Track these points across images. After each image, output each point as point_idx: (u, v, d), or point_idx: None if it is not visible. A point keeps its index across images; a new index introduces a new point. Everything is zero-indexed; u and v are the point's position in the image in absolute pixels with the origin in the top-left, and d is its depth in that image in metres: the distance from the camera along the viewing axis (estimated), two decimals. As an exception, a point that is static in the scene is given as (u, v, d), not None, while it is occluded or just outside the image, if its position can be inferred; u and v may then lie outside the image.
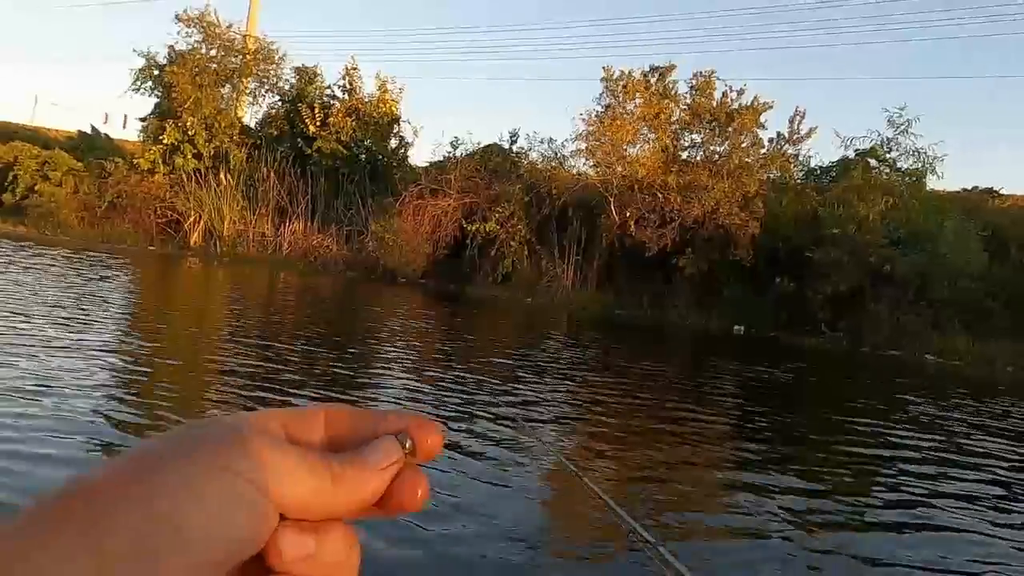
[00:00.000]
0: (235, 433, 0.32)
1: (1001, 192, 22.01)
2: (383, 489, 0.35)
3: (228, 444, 0.31)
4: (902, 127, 18.86)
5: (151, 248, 23.01)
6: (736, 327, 17.74)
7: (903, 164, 19.05)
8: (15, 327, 7.17)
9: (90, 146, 27.66)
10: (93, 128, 29.90)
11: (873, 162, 19.21)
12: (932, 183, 19.14)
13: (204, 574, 0.29)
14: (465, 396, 6.67)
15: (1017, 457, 6.64)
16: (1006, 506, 5.07)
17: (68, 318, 8.25)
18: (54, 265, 14.33)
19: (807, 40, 52.12)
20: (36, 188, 24.14)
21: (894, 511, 4.76)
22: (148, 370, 6.48)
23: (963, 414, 8.93)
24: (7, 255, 14.84)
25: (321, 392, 6.35)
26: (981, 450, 6.79)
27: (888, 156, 19.16)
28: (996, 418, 8.94)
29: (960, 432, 7.65)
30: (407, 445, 0.36)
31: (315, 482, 0.32)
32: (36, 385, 5.18)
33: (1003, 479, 5.83)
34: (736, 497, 4.71)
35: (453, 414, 5.91)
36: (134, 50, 25.22)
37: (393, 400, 6.42)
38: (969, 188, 21.91)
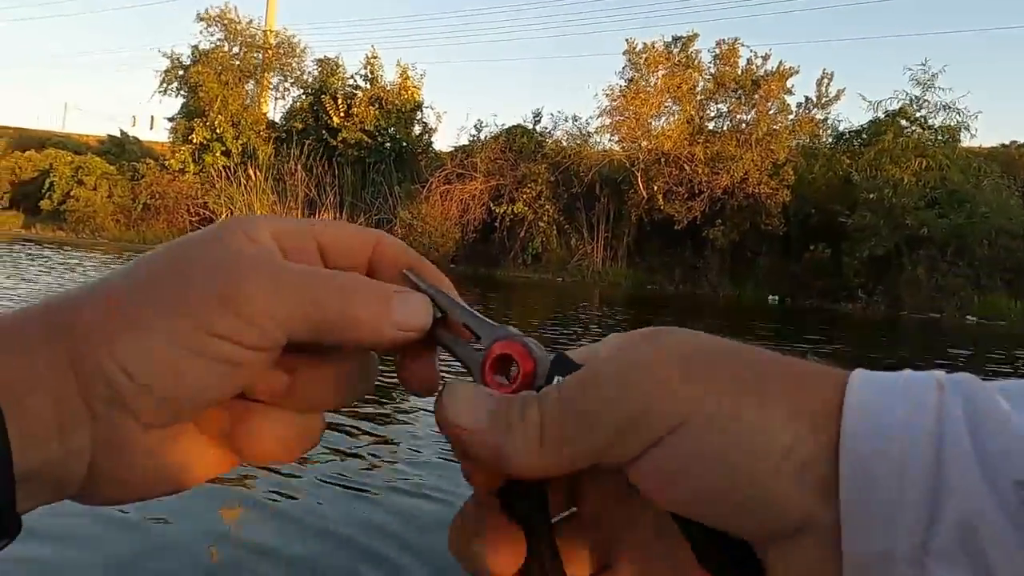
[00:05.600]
0: (231, 286, 0.30)
1: (1041, 146, 21.38)
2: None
3: (218, 303, 0.29)
4: (927, 83, 18.40)
5: (186, 246, 23.39)
6: (771, 297, 17.58)
7: (935, 121, 18.60)
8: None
9: (121, 150, 28.17)
10: (122, 132, 30.42)
11: (904, 123, 18.78)
12: (966, 141, 18.68)
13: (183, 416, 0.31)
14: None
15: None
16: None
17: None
18: (90, 265, 14.68)
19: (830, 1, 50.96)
20: (72, 193, 24.70)
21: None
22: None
23: None
24: (45, 257, 15.23)
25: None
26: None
27: (918, 115, 18.72)
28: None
29: None
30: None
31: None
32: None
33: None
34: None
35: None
36: (159, 51, 25.65)
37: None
38: (1007, 143, 21.33)
